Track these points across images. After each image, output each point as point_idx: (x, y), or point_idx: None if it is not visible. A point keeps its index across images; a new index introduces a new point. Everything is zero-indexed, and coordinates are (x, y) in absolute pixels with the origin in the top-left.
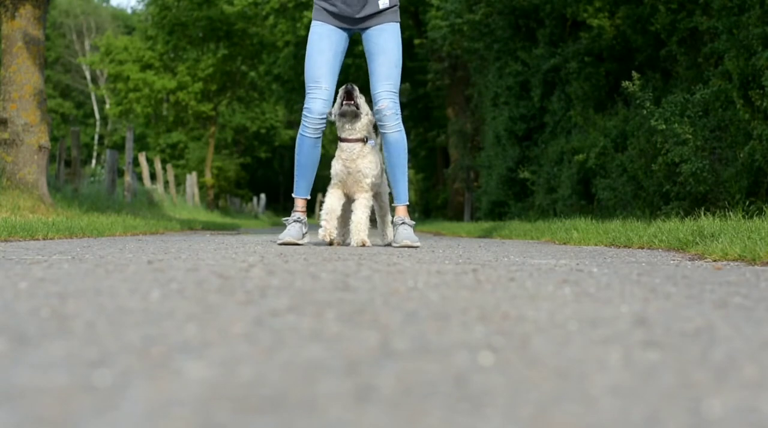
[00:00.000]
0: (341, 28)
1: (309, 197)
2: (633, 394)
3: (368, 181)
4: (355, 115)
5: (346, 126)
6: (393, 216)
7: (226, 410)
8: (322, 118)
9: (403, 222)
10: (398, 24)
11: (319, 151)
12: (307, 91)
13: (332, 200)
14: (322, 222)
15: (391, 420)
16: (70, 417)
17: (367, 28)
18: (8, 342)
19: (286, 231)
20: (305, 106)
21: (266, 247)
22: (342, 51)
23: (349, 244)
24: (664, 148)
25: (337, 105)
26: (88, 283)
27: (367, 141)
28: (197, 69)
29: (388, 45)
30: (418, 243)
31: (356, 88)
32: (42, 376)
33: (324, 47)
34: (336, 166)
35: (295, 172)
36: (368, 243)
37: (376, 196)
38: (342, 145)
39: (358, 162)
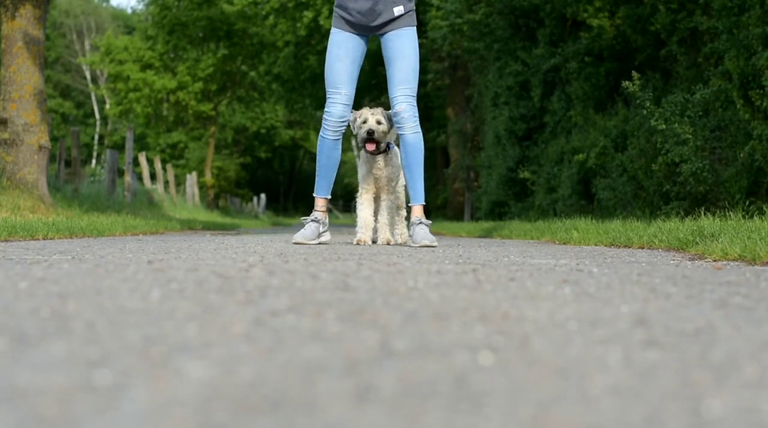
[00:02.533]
0: (358, 34)
1: (329, 196)
2: (633, 394)
3: (392, 184)
4: (376, 149)
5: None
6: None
7: (226, 410)
8: (342, 121)
9: (420, 222)
10: (414, 28)
11: (339, 152)
12: (327, 95)
13: (367, 215)
14: (359, 232)
15: (391, 420)
16: (70, 417)
17: (384, 33)
18: (8, 342)
19: (301, 230)
20: (326, 109)
21: (266, 247)
22: (360, 56)
23: (376, 242)
24: (664, 148)
25: (360, 137)
26: (88, 283)
27: (389, 148)
28: (197, 69)
29: (406, 50)
30: (435, 243)
31: (376, 129)
32: (42, 376)
33: (342, 55)
34: (362, 171)
35: (317, 173)
36: (392, 241)
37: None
38: (366, 156)
39: (383, 170)
